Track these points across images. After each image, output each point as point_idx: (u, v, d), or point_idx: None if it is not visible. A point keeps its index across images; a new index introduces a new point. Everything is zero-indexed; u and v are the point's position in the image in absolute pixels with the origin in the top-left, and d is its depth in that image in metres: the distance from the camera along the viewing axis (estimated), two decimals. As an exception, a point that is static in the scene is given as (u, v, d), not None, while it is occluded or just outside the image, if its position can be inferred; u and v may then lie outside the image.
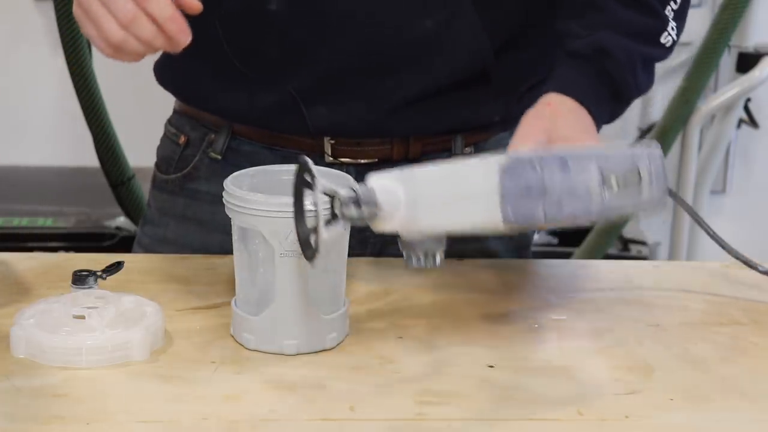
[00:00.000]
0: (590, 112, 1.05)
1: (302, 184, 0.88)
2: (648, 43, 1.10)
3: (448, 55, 1.14)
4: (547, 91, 1.05)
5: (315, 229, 0.84)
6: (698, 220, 1.09)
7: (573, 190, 0.85)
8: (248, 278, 0.97)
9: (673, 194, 1.03)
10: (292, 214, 0.90)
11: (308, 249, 0.87)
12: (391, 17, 1.12)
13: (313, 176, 0.85)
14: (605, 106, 1.08)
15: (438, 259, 0.87)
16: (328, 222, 0.85)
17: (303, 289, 0.95)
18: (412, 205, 0.85)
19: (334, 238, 0.86)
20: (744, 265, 1.11)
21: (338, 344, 0.98)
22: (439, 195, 0.85)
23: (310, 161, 0.86)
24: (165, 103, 1.31)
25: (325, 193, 0.85)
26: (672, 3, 1.11)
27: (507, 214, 0.83)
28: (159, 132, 1.31)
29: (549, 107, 1.03)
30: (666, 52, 1.12)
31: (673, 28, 1.11)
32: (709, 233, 1.08)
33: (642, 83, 1.11)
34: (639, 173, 0.89)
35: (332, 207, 0.85)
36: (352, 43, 1.12)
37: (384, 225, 0.87)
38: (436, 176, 0.86)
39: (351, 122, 1.04)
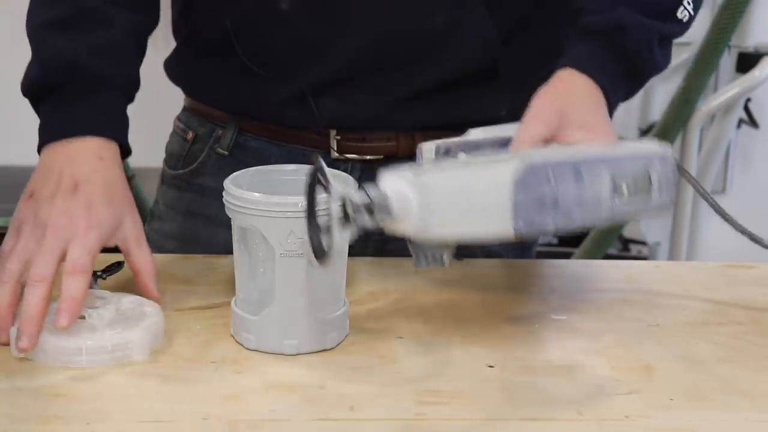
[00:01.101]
0: (604, 89, 1.04)
1: (315, 185, 0.87)
2: (665, 18, 1.09)
3: (457, 50, 1.15)
4: (561, 66, 1.04)
5: (327, 232, 0.83)
6: (702, 194, 1.04)
7: (584, 200, 0.86)
8: (248, 278, 0.97)
9: (679, 167, 1.01)
10: (296, 214, 0.90)
11: (320, 252, 0.86)
12: (401, 14, 1.12)
13: (327, 179, 0.84)
14: (621, 84, 1.07)
15: (445, 259, 0.88)
16: (340, 226, 0.84)
17: (303, 289, 0.95)
18: (424, 213, 0.85)
19: (342, 242, 0.86)
20: (744, 265, 1.11)
21: (338, 344, 0.98)
22: (452, 205, 0.84)
23: (323, 162, 0.85)
24: (166, 103, 1.32)
25: (339, 197, 0.84)
26: None
27: (518, 227, 0.83)
28: (160, 132, 1.31)
29: (562, 85, 1.02)
30: (683, 27, 1.11)
31: (689, 2, 1.10)
32: (714, 207, 1.04)
33: (659, 60, 1.10)
34: (650, 179, 0.90)
35: (345, 210, 0.84)
36: (361, 40, 1.13)
37: (395, 229, 0.86)
38: (450, 185, 0.85)
39: (358, 114, 1.05)
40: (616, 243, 2.61)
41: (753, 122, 2.79)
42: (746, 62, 2.68)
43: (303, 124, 1.18)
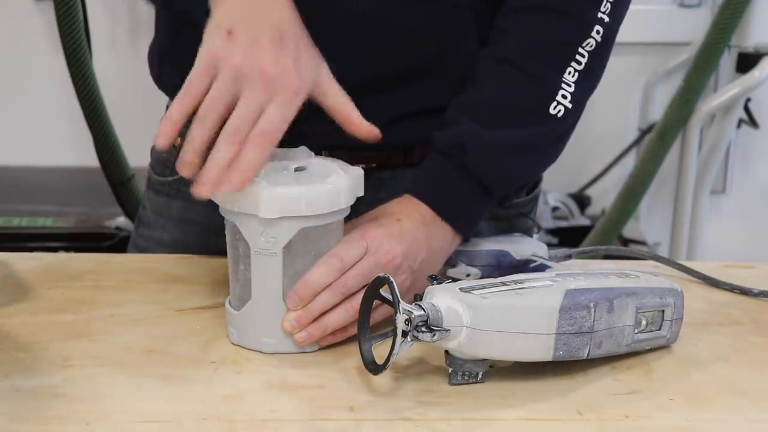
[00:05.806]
0: (441, 213, 1.04)
1: (373, 297, 0.91)
2: (528, 122, 1.06)
3: (447, 78, 1.13)
4: (409, 190, 1.05)
5: (392, 348, 0.86)
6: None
7: (612, 332, 0.93)
8: (233, 272, 0.98)
9: None
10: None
11: (371, 363, 0.89)
12: (393, 46, 1.10)
13: (396, 297, 0.87)
14: (470, 202, 1.06)
15: (480, 376, 0.91)
16: (401, 339, 0.86)
17: (278, 290, 0.94)
18: (474, 333, 0.88)
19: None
20: (744, 265, 1.11)
21: (320, 348, 0.97)
22: (501, 329, 0.89)
23: (394, 280, 0.87)
24: (165, 103, 1.31)
25: (401, 313, 0.86)
26: (576, 63, 1.05)
27: (558, 352, 0.90)
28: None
29: (379, 210, 1.03)
30: (559, 123, 1.06)
31: (572, 92, 1.05)
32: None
33: (521, 171, 1.08)
34: (663, 315, 0.98)
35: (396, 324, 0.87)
36: (351, 67, 1.10)
37: (443, 343, 0.89)
38: (500, 310, 0.89)
39: (347, 137, 1.03)
40: (615, 243, 2.60)
41: (753, 122, 2.79)
42: (746, 62, 2.68)
43: (292, 144, 1.17)
